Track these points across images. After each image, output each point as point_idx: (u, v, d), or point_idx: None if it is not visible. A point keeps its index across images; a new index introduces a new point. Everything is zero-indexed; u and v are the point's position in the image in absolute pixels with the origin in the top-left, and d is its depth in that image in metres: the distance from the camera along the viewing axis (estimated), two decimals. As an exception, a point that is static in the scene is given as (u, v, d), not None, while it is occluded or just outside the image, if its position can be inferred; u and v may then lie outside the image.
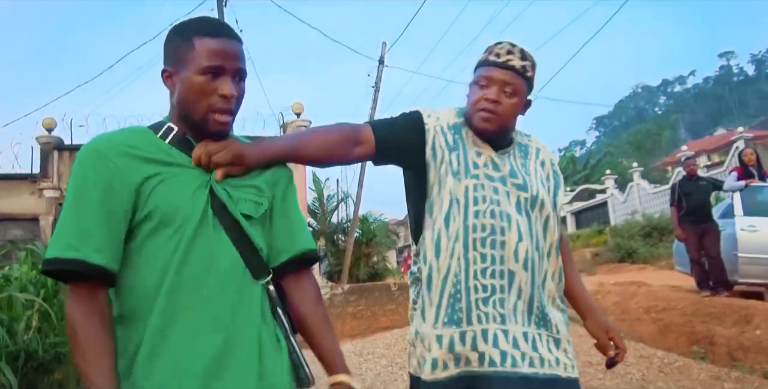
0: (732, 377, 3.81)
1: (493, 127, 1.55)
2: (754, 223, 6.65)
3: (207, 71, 1.19)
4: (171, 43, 1.25)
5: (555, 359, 1.52)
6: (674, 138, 53.01)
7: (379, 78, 14.02)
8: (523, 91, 1.55)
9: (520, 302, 1.52)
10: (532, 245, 1.53)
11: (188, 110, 1.22)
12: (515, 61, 1.54)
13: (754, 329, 5.65)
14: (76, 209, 1.14)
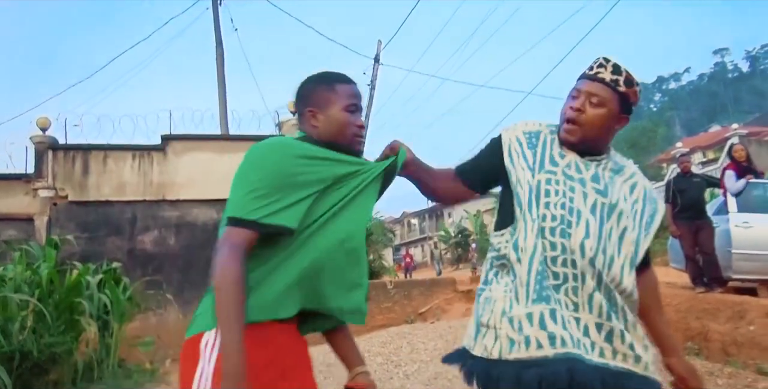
0: (725, 372, 3.83)
1: (574, 137, 1.61)
2: (747, 219, 6.67)
3: (348, 109, 1.61)
4: (314, 89, 1.65)
5: (635, 356, 1.51)
6: (669, 135, 53.08)
7: (375, 76, 14.04)
8: (611, 103, 1.59)
9: (596, 294, 1.52)
10: (599, 246, 1.53)
11: (337, 137, 1.60)
12: (605, 75, 1.59)
13: (748, 324, 5.67)
14: None
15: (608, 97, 1.58)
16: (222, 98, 12.70)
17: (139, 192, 9.43)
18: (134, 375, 5.07)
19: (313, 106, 1.63)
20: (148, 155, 9.62)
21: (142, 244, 9.17)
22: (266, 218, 1.42)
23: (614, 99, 1.59)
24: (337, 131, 1.60)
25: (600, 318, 1.52)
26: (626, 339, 1.51)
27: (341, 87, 1.63)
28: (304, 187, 1.47)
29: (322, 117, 1.61)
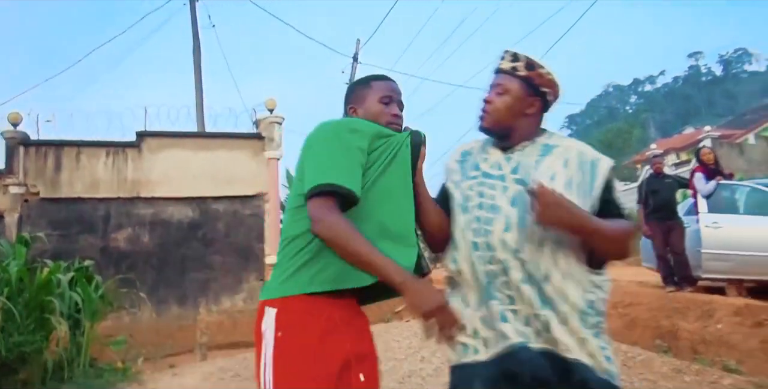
0: (692, 370, 3.91)
1: (485, 124, 1.73)
2: (717, 220, 6.78)
3: (382, 101, 1.79)
4: (355, 91, 1.84)
5: (565, 342, 1.54)
6: (644, 136, 53.86)
7: (353, 75, 14.03)
8: (513, 88, 1.70)
9: (524, 286, 1.57)
10: (522, 235, 1.58)
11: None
12: (504, 65, 1.73)
13: (716, 323, 5.79)
14: None
15: (509, 84, 1.70)
16: (198, 94, 12.59)
17: (112, 189, 9.30)
18: (105, 374, 5.00)
19: (354, 103, 1.83)
20: (122, 152, 9.49)
21: (116, 242, 9.05)
22: (342, 182, 1.52)
23: (516, 84, 1.70)
24: (373, 121, 1.74)
25: (533, 308, 1.56)
26: (559, 329, 1.54)
27: (376, 83, 1.83)
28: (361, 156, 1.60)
29: (361, 111, 1.80)
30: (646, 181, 7.56)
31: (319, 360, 1.51)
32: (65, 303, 5.79)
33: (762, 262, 6.42)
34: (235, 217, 9.81)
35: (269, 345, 1.54)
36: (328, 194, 1.52)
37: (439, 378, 3.91)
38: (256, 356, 1.55)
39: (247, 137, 10.29)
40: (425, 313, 1.46)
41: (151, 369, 5.75)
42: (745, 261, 6.56)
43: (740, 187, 7.11)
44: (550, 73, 1.72)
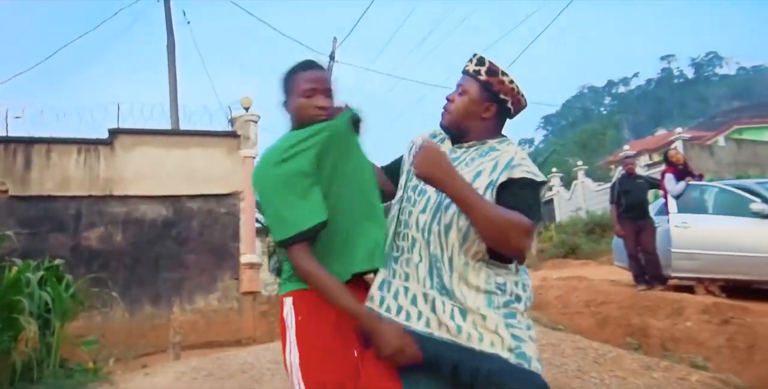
0: (661, 366, 3.98)
1: (444, 121, 1.84)
2: (686, 219, 6.92)
3: (304, 95, 1.77)
4: (285, 83, 1.84)
5: (456, 326, 1.57)
6: (618, 138, 54.56)
7: (330, 74, 13.99)
8: (472, 91, 1.78)
9: (422, 265, 1.68)
10: (433, 219, 1.69)
11: (302, 121, 1.78)
12: (469, 67, 1.81)
13: (685, 321, 5.91)
14: None
15: (470, 86, 1.79)
16: (173, 91, 12.45)
17: (84, 187, 9.15)
18: (76, 374, 4.93)
19: (286, 96, 1.85)
20: (94, 149, 9.34)
21: (87, 241, 8.91)
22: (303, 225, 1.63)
23: (476, 87, 1.78)
24: (299, 116, 1.79)
25: (424, 287, 1.65)
26: (446, 309, 1.60)
27: (298, 76, 1.81)
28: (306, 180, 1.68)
29: (290, 106, 1.83)
30: (618, 181, 7.69)
31: (338, 336, 1.65)
32: (34, 302, 5.68)
33: (728, 261, 6.57)
34: (209, 216, 9.72)
35: (291, 329, 1.67)
36: (299, 242, 1.64)
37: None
38: (282, 343, 1.70)
39: (223, 135, 10.21)
40: (387, 356, 1.57)
41: (122, 369, 5.68)
42: (712, 260, 6.70)
43: (709, 187, 7.26)
44: (512, 81, 1.77)
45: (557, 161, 36.84)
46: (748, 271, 6.47)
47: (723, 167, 20.35)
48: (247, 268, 9.65)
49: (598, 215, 19.10)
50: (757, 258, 6.30)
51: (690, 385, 3.62)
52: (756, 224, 6.37)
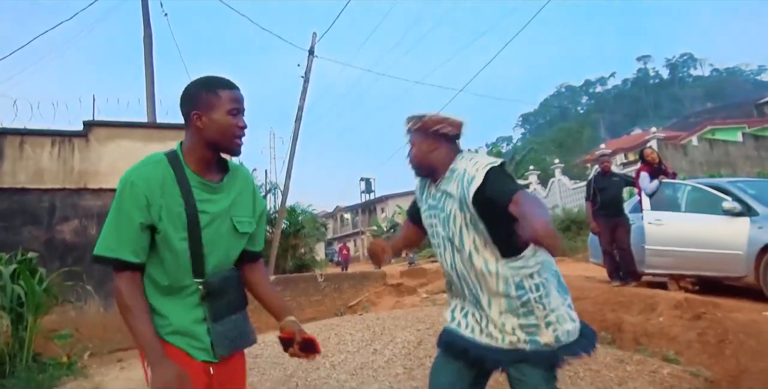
0: (634, 360, 4.06)
1: (418, 173, 2.38)
2: (660, 217, 7.04)
3: (231, 113, 1.79)
4: (198, 95, 1.80)
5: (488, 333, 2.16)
6: (594, 136, 55.27)
7: (309, 69, 13.93)
8: (418, 140, 2.30)
9: (457, 282, 2.26)
10: (453, 252, 2.23)
11: (219, 139, 1.80)
12: (407, 127, 2.34)
13: (658, 316, 6.00)
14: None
15: (414, 138, 2.31)
16: (150, 84, 12.28)
17: (58, 180, 9.01)
18: (50, 368, 4.86)
19: (198, 109, 1.79)
20: (69, 142, 9.20)
21: (61, 234, 8.78)
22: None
23: (418, 136, 2.30)
24: (220, 133, 1.79)
25: (464, 302, 2.27)
26: (481, 320, 2.18)
27: (224, 93, 1.80)
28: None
29: (207, 120, 1.79)
30: (594, 179, 7.78)
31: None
32: (7, 296, 5.60)
33: (700, 258, 6.70)
34: (186, 210, 9.63)
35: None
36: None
37: (390, 370, 3.96)
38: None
39: (201, 129, 10.12)
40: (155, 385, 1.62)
41: (97, 363, 5.62)
42: (685, 257, 6.83)
43: (682, 186, 7.38)
44: (434, 115, 2.29)
45: (535, 159, 37.17)
46: (720, 268, 6.60)
47: (696, 167, 20.73)
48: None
49: (574, 213, 19.33)
50: (727, 255, 6.43)
51: (662, 378, 3.70)
52: (726, 221, 6.49)
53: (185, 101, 1.83)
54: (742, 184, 7.09)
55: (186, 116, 1.82)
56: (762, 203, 6.44)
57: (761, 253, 6.17)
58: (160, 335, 1.70)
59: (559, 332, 2.11)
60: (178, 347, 1.73)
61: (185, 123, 1.84)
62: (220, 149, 1.84)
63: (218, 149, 1.83)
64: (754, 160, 22.59)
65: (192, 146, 1.83)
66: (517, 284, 2.12)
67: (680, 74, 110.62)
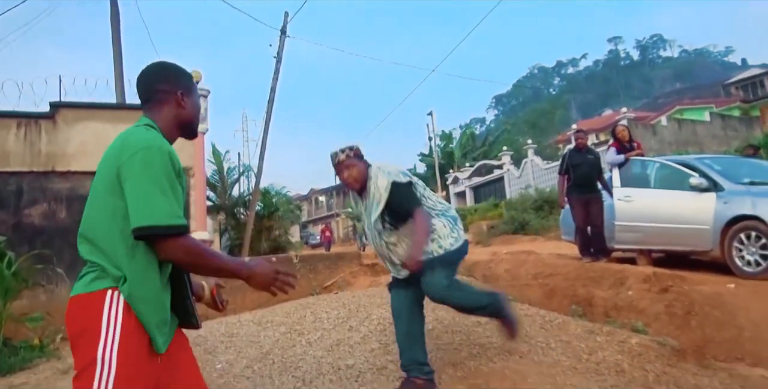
0: (604, 331, 4.15)
1: (353, 187, 3.42)
2: (629, 193, 7.16)
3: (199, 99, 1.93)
4: (183, 77, 1.92)
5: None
6: (566, 117, 55.75)
7: (281, 49, 13.75)
8: (354, 164, 3.35)
9: (386, 255, 3.44)
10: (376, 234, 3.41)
11: (191, 119, 1.92)
12: (341, 158, 3.35)
13: (627, 290, 6.15)
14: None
15: (350, 163, 3.35)
16: (118, 64, 12.02)
17: (25, 163, 8.81)
18: (21, 351, 4.80)
19: (184, 89, 1.88)
20: (35, 124, 8.98)
21: (29, 218, 8.61)
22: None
23: (353, 161, 3.35)
24: (195, 116, 1.93)
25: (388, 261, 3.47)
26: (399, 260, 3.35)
27: (194, 81, 1.97)
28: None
29: (189, 101, 1.89)
30: (569, 154, 7.76)
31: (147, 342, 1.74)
32: (-25, 280, 5.49)
33: (668, 233, 6.85)
34: (158, 192, 9.51)
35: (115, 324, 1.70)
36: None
37: (366, 345, 3.99)
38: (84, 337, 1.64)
39: (171, 110, 9.96)
40: (273, 279, 1.79)
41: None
42: (653, 232, 6.98)
43: (651, 163, 7.50)
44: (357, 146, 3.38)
45: (508, 139, 37.45)
46: (687, 242, 6.76)
47: (665, 146, 21.10)
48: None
49: (546, 193, 19.57)
50: (694, 230, 6.59)
51: (630, 347, 3.79)
52: (694, 197, 6.63)
53: (170, 78, 1.87)
54: (708, 160, 7.24)
55: (166, 93, 1.84)
56: (728, 178, 6.60)
57: (726, 228, 6.34)
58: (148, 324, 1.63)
59: (442, 243, 3.28)
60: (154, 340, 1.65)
61: (159, 100, 1.84)
62: (188, 130, 1.93)
63: (187, 130, 1.92)
64: (721, 139, 23.06)
65: (167, 125, 1.85)
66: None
67: (650, 56, 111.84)
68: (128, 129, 1.79)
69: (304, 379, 3.55)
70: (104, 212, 1.66)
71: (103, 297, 1.61)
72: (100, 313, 1.59)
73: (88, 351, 1.57)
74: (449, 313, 4.54)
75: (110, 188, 1.66)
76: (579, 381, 3.29)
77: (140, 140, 1.68)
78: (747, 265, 6.13)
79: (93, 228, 1.68)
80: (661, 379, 3.34)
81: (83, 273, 1.68)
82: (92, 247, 1.67)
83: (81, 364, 1.59)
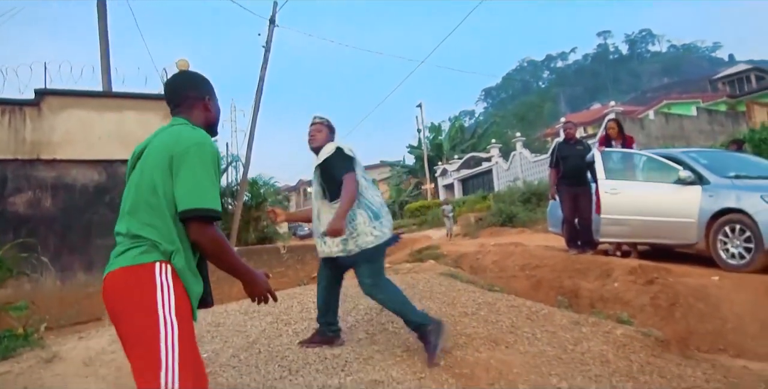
0: (589, 322, 4.19)
1: (314, 145, 3.85)
2: (615, 186, 7.16)
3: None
4: (208, 84, 2.23)
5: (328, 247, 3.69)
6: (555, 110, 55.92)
7: (270, 38, 13.65)
8: (322, 129, 3.88)
9: (317, 223, 3.77)
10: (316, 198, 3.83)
11: (215, 121, 2.22)
12: (317, 120, 3.89)
13: (613, 282, 6.20)
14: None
15: (320, 128, 3.87)
16: (104, 51, 11.85)
17: (9, 151, 8.69)
18: (5, 340, 4.74)
19: (210, 95, 2.19)
20: (20, 111, 8.86)
21: (14, 206, 8.51)
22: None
23: (322, 126, 3.87)
24: (219, 117, 2.24)
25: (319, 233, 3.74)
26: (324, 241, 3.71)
27: (214, 86, 2.25)
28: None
29: (214, 105, 2.20)
30: (557, 146, 7.76)
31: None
32: (-42, 268, 5.42)
33: (653, 226, 6.89)
34: (145, 181, 9.44)
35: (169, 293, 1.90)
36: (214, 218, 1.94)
37: (352, 335, 4.00)
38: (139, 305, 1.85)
39: (158, 99, 9.83)
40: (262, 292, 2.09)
41: (54, 335, 5.53)
42: (639, 226, 7.01)
43: (637, 156, 7.52)
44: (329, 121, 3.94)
45: (497, 132, 37.48)
46: (673, 235, 6.81)
47: (652, 140, 21.21)
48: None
49: (534, 185, 19.65)
50: (680, 223, 6.64)
51: (615, 338, 3.83)
52: (679, 190, 6.67)
53: (199, 85, 2.18)
54: (694, 154, 7.28)
55: (196, 99, 2.14)
56: (713, 172, 6.65)
57: (711, 221, 6.40)
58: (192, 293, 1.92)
59: (359, 241, 3.53)
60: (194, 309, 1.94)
61: (189, 105, 2.13)
62: (213, 129, 2.21)
63: (212, 128, 2.20)
64: (708, 134, 23.23)
65: (198, 125, 2.10)
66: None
67: (639, 50, 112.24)
68: (176, 126, 2.04)
69: (290, 369, 3.54)
70: (156, 195, 1.87)
71: (153, 268, 1.82)
72: (153, 281, 1.80)
73: (145, 315, 1.77)
74: (435, 303, 4.55)
75: (161, 175, 1.88)
76: (564, 371, 3.31)
77: (194, 136, 1.96)
78: (731, 258, 6.19)
79: (145, 208, 1.89)
80: (645, 369, 3.38)
81: (125, 248, 1.87)
82: (143, 224, 1.87)
83: (138, 327, 1.77)
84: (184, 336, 1.78)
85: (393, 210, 33.76)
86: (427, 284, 5.26)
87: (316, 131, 3.84)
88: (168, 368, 1.71)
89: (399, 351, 3.63)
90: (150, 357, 1.72)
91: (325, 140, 3.80)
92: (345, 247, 3.54)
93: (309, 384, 3.27)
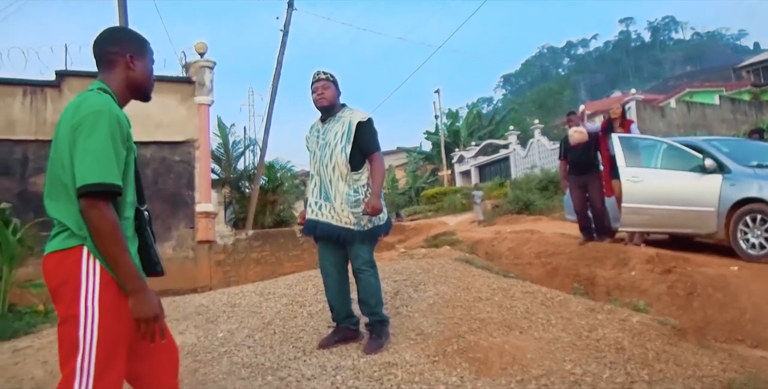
0: (605, 309, 4.16)
1: (323, 103, 3.61)
2: (637, 174, 7.02)
3: (152, 63, 2.01)
4: (135, 42, 1.97)
5: (330, 216, 3.52)
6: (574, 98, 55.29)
7: (288, 22, 13.61)
8: (330, 86, 3.61)
9: (316, 189, 3.62)
10: (323, 163, 3.55)
11: (142, 84, 1.96)
12: (322, 76, 3.62)
13: (630, 270, 6.15)
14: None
15: (327, 84, 3.59)
16: (124, 34, 11.91)
17: (30, 131, 8.81)
18: (25, 316, 4.85)
19: (133, 53, 1.92)
20: (41, 92, 8.96)
21: (35, 186, 8.63)
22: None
23: (330, 83, 3.60)
24: (147, 79, 1.96)
25: (323, 200, 3.56)
26: (327, 209, 3.52)
27: (149, 48, 2.00)
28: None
29: (139, 65, 1.93)
30: (564, 138, 7.71)
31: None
32: (-20, 246, 5.52)
33: (674, 215, 6.78)
34: (163, 163, 9.51)
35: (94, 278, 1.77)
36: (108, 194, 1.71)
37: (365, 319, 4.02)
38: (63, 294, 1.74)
39: (177, 81, 9.90)
40: (144, 317, 1.72)
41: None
42: (660, 215, 6.90)
43: (658, 143, 7.39)
44: (333, 74, 3.65)
45: (515, 119, 37.16)
46: (692, 224, 6.70)
47: (673, 128, 20.92)
48: (203, 217, 9.54)
49: (552, 173, 19.50)
50: (700, 212, 6.53)
51: (631, 325, 3.80)
52: (700, 179, 6.56)
53: (120, 41, 1.93)
54: (716, 142, 7.15)
55: (116, 55, 1.89)
56: (735, 160, 6.53)
57: (732, 210, 6.30)
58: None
59: (374, 218, 3.46)
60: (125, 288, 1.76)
61: (108, 62, 1.90)
62: (140, 93, 1.97)
63: (138, 93, 1.97)
64: (730, 123, 22.84)
65: (119, 87, 1.91)
66: (354, 189, 3.48)
67: (661, 37, 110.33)
68: (83, 93, 1.84)
69: (304, 350, 3.57)
70: (66, 173, 1.72)
71: (79, 252, 1.71)
72: (79, 266, 1.69)
73: (71, 301, 1.68)
74: (450, 288, 4.55)
75: (68, 149, 1.72)
76: (578, 357, 3.30)
77: (92, 104, 1.75)
78: (752, 248, 6.11)
79: (60, 188, 1.74)
80: (660, 357, 3.35)
81: (55, 233, 1.75)
82: (59, 208, 1.74)
83: (65, 313, 1.69)
84: (104, 324, 1.67)
85: (409, 196, 33.74)
86: (442, 269, 5.26)
87: (323, 88, 3.54)
88: (84, 356, 1.65)
89: (413, 335, 3.64)
90: (70, 345, 1.67)
91: (333, 97, 3.58)
92: (359, 221, 3.43)
93: (323, 365, 3.29)
